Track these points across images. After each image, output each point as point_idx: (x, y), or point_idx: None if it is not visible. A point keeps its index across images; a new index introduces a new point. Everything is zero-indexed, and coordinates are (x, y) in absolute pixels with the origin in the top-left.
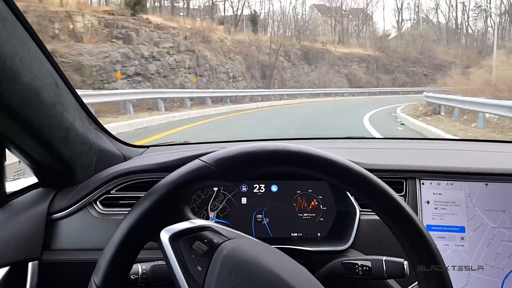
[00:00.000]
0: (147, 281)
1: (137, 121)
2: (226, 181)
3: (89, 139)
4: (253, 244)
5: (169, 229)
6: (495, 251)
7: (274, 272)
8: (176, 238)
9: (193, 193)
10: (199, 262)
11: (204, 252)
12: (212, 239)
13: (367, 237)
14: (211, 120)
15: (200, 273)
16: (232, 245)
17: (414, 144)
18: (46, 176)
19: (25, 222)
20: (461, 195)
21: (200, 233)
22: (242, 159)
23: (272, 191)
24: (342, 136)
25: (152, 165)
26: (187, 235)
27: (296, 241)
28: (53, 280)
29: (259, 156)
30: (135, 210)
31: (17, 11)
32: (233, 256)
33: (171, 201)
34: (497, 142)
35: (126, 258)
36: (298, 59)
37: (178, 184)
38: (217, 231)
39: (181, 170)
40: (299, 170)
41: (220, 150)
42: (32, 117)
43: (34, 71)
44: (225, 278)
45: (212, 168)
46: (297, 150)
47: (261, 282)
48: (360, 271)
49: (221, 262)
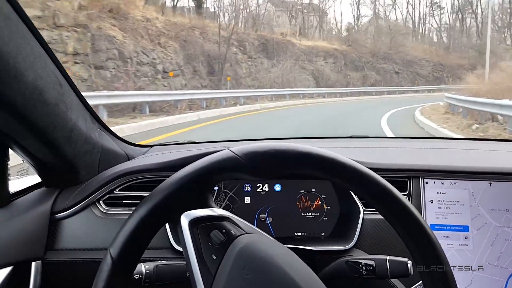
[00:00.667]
0: (150, 280)
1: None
2: (253, 175)
3: (93, 139)
4: (270, 242)
5: (190, 213)
6: (499, 250)
7: (287, 274)
8: (195, 224)
9: (217, 182)
10: (215, 251)
11: (221, 242)
12: (230, 230)
13: (371, 236)
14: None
15: (214, 262)
16: (249, 239)
17: (417, 143)
18: (49, 176)
19: (29, 222)
20: (465, 194)
21: (219, 223)
22: (273, 156)
23: (276, 190)
24: (345, 136)
25: (156, 165)
26: (206, 222)
27: (299, 240)
28: (56, 279)
29: (291, 156)
30: (160, 191)
31: (20, 10)
32: (249, 250)
33: (196, 186)
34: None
35: (143, 236)
36: (255, 51)
37: (206, 171)
38: (236, 223)
39: (211, 158)
40: (322, 176)
41: (252, 144)
42: (35, 116)
43: (37, 71)
44: (238, 270)
45: (242, 160)
46: (330, 157)
47: (273, 280)
48: (364, 270)
49: (236, 254)
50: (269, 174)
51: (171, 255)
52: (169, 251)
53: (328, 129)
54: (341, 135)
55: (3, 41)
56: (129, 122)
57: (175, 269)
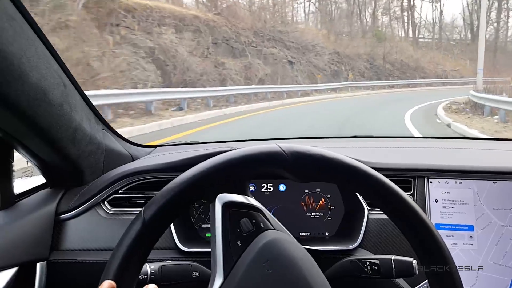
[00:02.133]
0: (155, 281)
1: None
2: (294, 175)
3: (97, 139)
4: (294, 244)
5: (226, 196)
6: (503, 249)
7: (305, 279)
8: (228, 207)
9: (258, 173)
10: (241, 238)
11: (249, 231)
12: (260, 222)
13: (376, 236)
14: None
15: (238, 249)
16: (277, 235)
17: (421, 143)
18: (53, 176)
19: (33, 223)
20: (470, 193)
21: (251, 212)
22: (318, 161)
23: (280, 190)
24: (348, 135)
25: (160, 165)
26: (239, 208)
27: (304, 240)
28: (61, 280)
29: (336, 166)
30: (205, 167)
31: (24, 11)
32: (274, 246)
33: (240, 171)
34: (505, 140)
35: (178, 205)
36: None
37: (253, 159)
38: (267, 217)
39: (259, 148)
40: (352, 188)
41: (299, 145)
42: (40, 117)
43: (42, 71)
44: (259, 263)
45: (287, 158)
46: (372, 174)
47: (291, 282)
48: (369, 270)
49: (261, 246)
50: (310, 177)
51: (177, 256)
52: (174, 252)
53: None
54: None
55: (8, 41)
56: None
57: (180, 270)
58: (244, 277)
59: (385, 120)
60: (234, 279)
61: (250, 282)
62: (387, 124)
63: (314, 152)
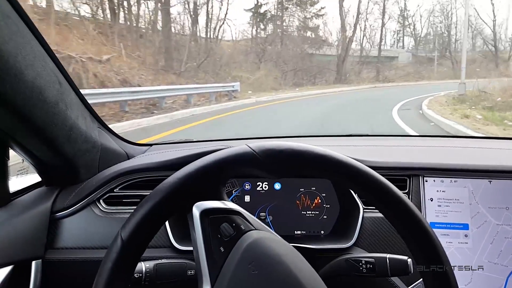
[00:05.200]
0: (150, 279)
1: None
2: (267, 172)
3: (92, 137)
4: (278, 240)
5: (202, 204)
6: (498, 248)
7: (293, 273)
8: (206, 215)
9: (232, 176)
10: (223, 244)
11: (230, 235)
12: (240, 225)
13: (371, 234)
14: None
15: (222, 254)
16: (258, 235)
17: (417, 142)
18: (49, 175)
19: (29, 221)
20: (465, 192)
21: (230, 216)
22: (289, 155)
23: (275, 188)
24: (344, 134)
25: (155, 164)
26: (217, 214)
27: (299, 239)
28: (56, 278)
29: (307, 157)
30: (176, 178)
31: (20, 9)
32: (257, 246)
33: (212, 177)
34: (500, 139)
35: (155, 221)
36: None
37: (223, 163)
38: (247, 218)
39: (229, 151)
40: (334, 179)
41: (269, 142)
42: (35, 115)
43: (37, 70)
44: (244, 265)
45: (258, 156)
46: (345, 162)
47: (278, 279)
48: (364, 268)
49: (244, 249)
50: (283, 172)
51: (171, 254)
52: (169, 250)
53: None
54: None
55: (3, 40)
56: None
57: (175, 268)
58: (231, 282)
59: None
60: (221, 286)
61: (238, 286)
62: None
63: (284, 147)
